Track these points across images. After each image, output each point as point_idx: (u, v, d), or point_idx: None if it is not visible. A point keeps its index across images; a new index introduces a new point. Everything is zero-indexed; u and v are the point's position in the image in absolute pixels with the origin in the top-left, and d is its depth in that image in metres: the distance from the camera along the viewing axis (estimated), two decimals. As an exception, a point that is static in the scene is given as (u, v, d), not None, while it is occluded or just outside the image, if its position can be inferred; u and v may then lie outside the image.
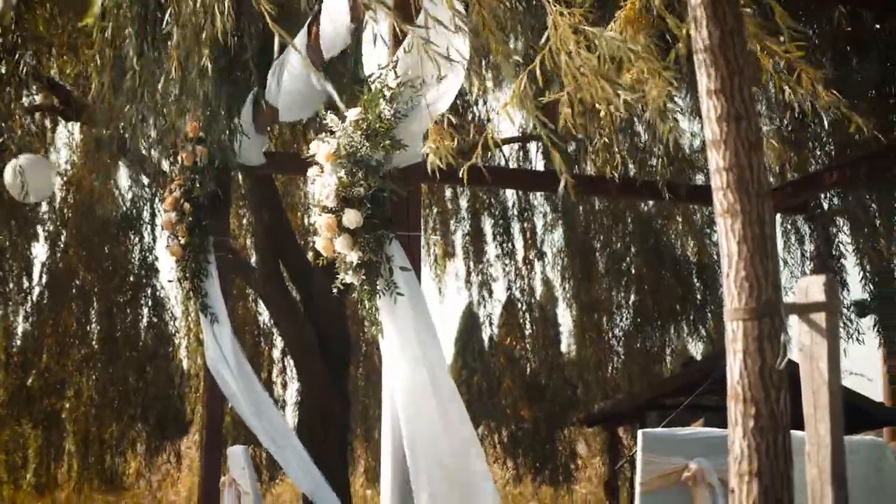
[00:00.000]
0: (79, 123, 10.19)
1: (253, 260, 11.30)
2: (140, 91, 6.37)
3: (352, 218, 5.16)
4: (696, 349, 13.03)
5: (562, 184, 3.75)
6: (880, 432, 13.42)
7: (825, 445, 2.87)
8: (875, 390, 20.30)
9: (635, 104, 3.50)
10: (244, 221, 12.39)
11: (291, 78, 6.76)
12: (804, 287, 2.94)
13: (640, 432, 5.38)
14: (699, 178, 10.72)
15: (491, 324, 12.96)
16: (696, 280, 12.57)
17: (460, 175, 4.11)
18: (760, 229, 2.89)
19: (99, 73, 6.78)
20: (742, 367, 2.90)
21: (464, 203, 13.04)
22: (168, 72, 5.95)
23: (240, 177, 9.57)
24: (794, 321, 3.03)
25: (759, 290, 2.89)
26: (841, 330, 9.80)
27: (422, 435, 5.08)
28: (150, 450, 11.84)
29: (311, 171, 5.44)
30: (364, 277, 5.24)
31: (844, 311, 10.07)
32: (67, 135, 11.26)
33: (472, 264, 12.77)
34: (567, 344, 13.71)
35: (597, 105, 3.60)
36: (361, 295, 5.32)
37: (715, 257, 12.07)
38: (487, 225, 12.77)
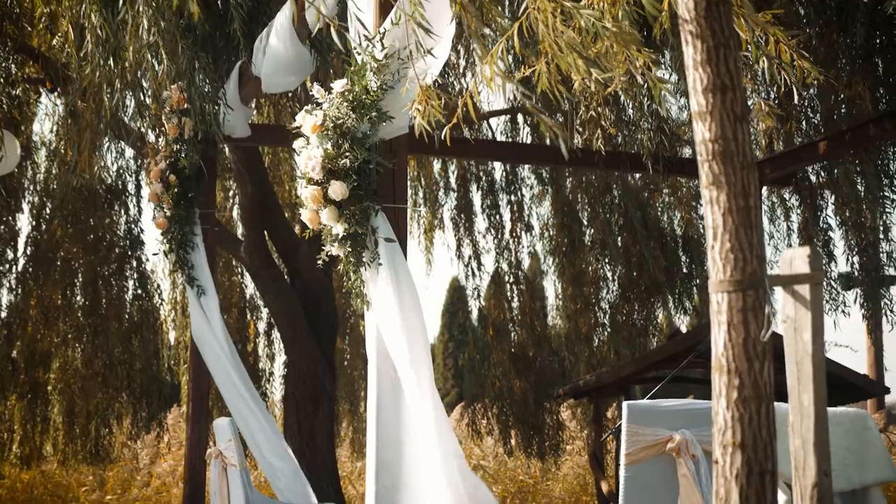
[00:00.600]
0: (61, 94, 10.14)
1: (239, 232, 11.28)
2: (103, 58, 6.34)
3: (337, 190, 5.16)
4: (682, 322, 13.08)
5: (562, 147, 3.75)
6: (864, 404, 13.52)
7: (808, 416, 2.89)
8: (860, 362, 20.45)
9: (606, 82, 3.50)
10: (230, 194, 12.36)
11: (277, 49, 6.73)
12: (788, 259, 2.95)
13: (624, 404, 5.41)
14: (686, 152, 10.72)
15: (479, 296, 12.97)
16: (682, 253, 12.59)
17: (442, 138, 4.10)
18: (745, 201, 2.90)
19: (72, 42, 6.74)
20: (726, 338, 2.92)
21: (452, 176, 13.03)
22: (139, 46, 5.93)
23: (226, 149, 9.55)
24: (778, 293, 3.04)
25: (744, 262, 2.90)
26: (827, 302, 9.85)
27: (404, 403, 5.11)
28: (136, 422, 11.85)
29: (297, 143, 5.44)
30: (350, 249, 5.25)
31: (832, 282, 10.11)
32: (52, 106, 11.21)
33: (462, 237, 12.76)
34: (553, 317, 13.75)
35: (572, 76, 3.60)
36: (347, 267, 5.33)
37: (701, 230, 12.09)
38: (476, 197, 12.78)
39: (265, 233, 10.29)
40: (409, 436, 5.16)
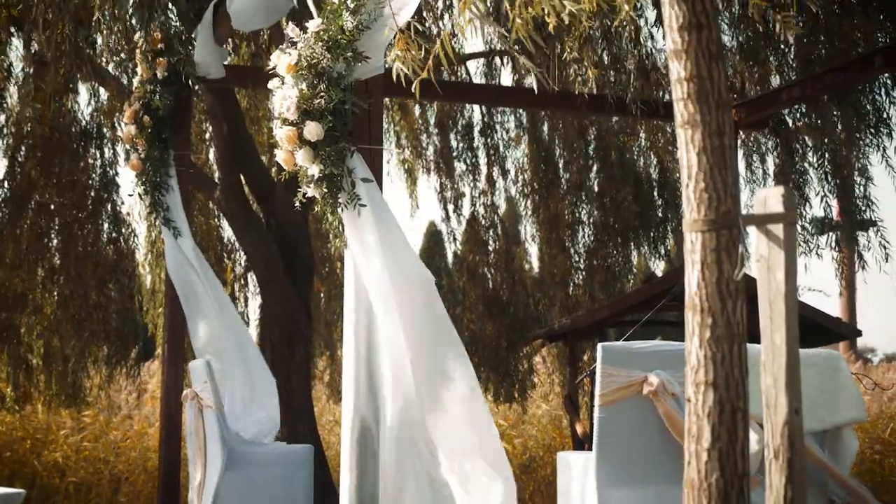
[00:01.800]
0: (33, 34, 9.98)
1: (216, 175, 11.21)
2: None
3: (313, 130, 5.14)
4: (657, 266, 13.12)
5: (533, 83, 3.73)
6: (836, 346, 13.65)
7: (780, 355, 2.91)
8: (833, 307, 20.66)
9: (580, 14, 3.47)
10: (206, 136, 12.26)
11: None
12: (763, 198, 2.95)
13: (599, 346, 5.45)
14: (668, 96, 10.67)
15: (455, 240, 12.97)
16: (657, 197, 12.60)
17: (412, 91, 4.07)
18: (720, 140, 2.90)
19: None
20: (700, 277, 2.93)
21: (432, 120, 12.97)
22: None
23: (201, 90, 9.47)
24: (752, 233, 3.05)
25: (718, 201, 2.90)
26: (802, 244, 9.90)
27: (391, 342, 5.12)
28: (111, 364, 11.81)
29: (273, 83, 5.41)
30: (326, 190, 5.23)
31: (807, 225, 10.14)
32: (23, 47, 11.02)
33: (444, 181, 12.73)
34: (529, 260, 13.77)
35: (546, 19, 3.57)
36: (324, 208, 5.32)
37: (677, 174, 12.09)
38: (454, 141, 12.72)
39: (241, 175, 10.23)
40: (385, 376, 5.17)
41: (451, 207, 12.71)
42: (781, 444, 2.88)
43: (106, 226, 11.44)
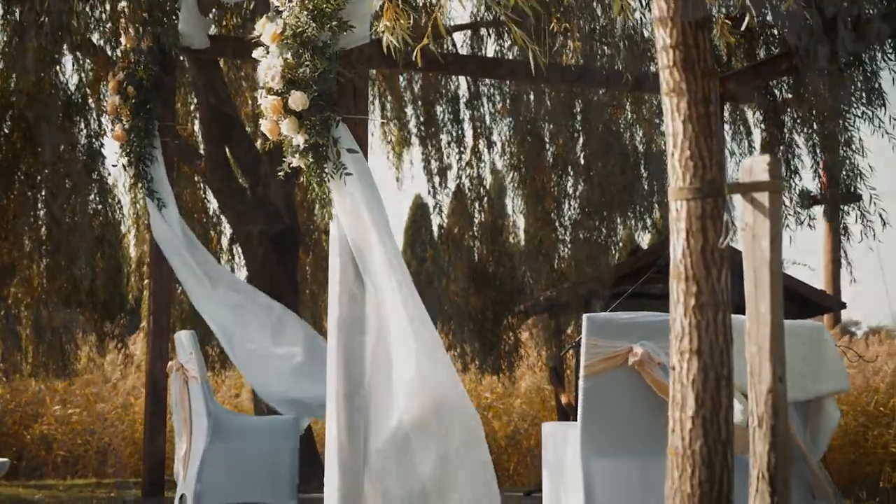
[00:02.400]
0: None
1: (202, 147, 11.17)
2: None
3: (297, 100, 5.11)
4: (643, 239, 13.12)
5: (530, 56, 3.72)
6: (820, 319, 13.68)
7: (765, 323, 2.91)
8: (818, 282, 20.71)
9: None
10: (192, 107, 12.20)
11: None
12: (748, 166, 2.94)
13: (584, 317, 5.45)
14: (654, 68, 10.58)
15: (441, 212, 12.94)
16: (644, 170, 12.57)
17: (413, 59, 4.06)
18: (705, 108, 2.89)
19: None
20: (685, 245, 2.93)
21: (418, 91, 12.91)
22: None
23: (185, 61, 9.41)
24: (738, 202, 3.04)
25: (704, 169, 2.90)
26: (790, 217, 9.89)
27: (375, 313, 5.13)
28: (100, 336, 11.79)
29: (257, 52, 5.38)
30: (311, 161, 5.21)
31: (796, 198, 10.12)
32: (3, 14, 10.91)
33: (429, 153, 12.69)
34: (514, 233, 13.74)
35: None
36: (309, 178, 5.30)
37: (663, 147, 12.06)
38: (440, 113, 12.68)
39: (226, 147, 10.19)
40: (372, 343, 5.18)
41: (436, 180, 12.69)
42: (765, 412, 2.89)
43: (92, 197, 11.38)
